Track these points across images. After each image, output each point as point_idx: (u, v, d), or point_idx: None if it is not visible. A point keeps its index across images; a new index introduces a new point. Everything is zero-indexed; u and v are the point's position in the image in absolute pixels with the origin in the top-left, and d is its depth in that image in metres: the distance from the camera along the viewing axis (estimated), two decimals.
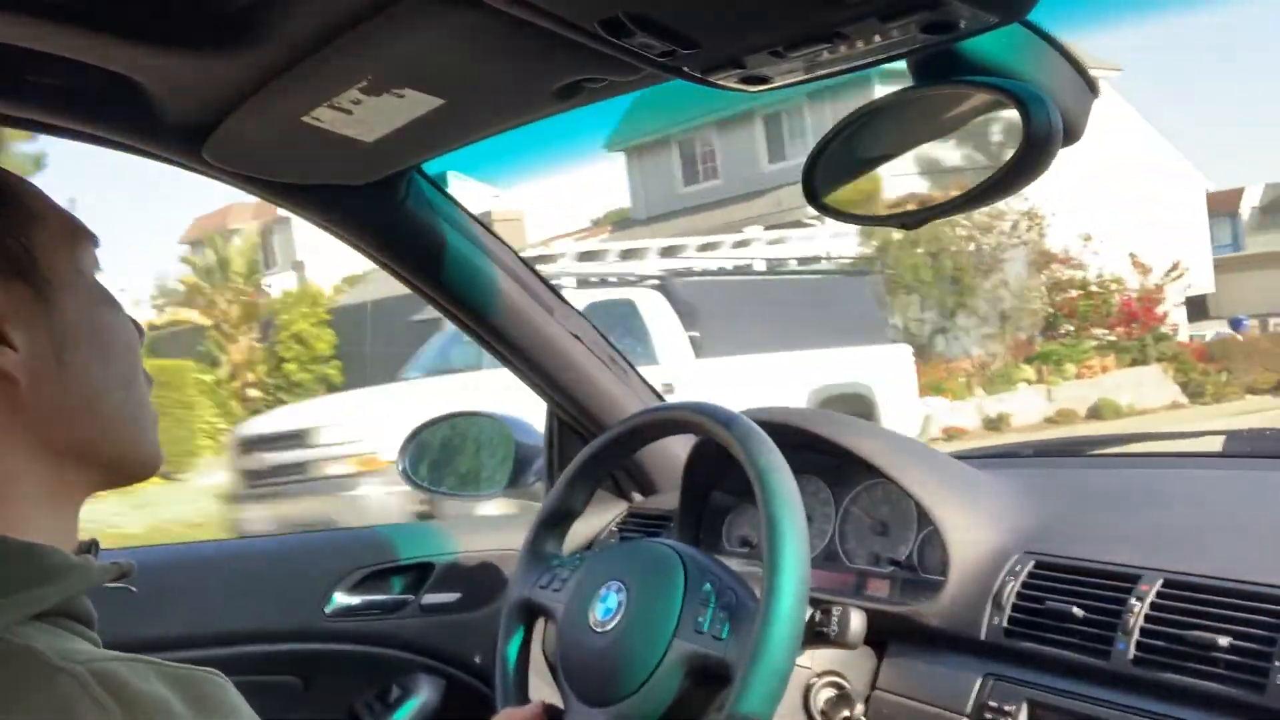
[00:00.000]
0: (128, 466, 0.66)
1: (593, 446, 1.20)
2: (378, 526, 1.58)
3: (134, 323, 0.69)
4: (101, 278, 0.67)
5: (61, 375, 0.60)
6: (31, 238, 0.61)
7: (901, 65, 0.78)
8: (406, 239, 1.34)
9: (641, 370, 1.60)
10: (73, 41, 0.83)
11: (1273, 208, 33.37)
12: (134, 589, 0.65)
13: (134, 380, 0.66)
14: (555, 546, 1.21)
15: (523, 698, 1.15)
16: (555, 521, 1.21)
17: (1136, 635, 0.91)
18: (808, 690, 1.06)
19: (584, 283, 8.15)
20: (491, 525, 1.63)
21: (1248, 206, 34.35)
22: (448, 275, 1.38)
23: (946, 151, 0.87)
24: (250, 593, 1.45)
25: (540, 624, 1.20)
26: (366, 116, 0.93)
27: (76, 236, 0.65)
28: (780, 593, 0.91)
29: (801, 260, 12.56)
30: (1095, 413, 13.21)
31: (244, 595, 1.44)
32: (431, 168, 1.30)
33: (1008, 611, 1.02)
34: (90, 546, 0.65)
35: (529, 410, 1.61)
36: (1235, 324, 22.12)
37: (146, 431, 0.67)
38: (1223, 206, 34.05)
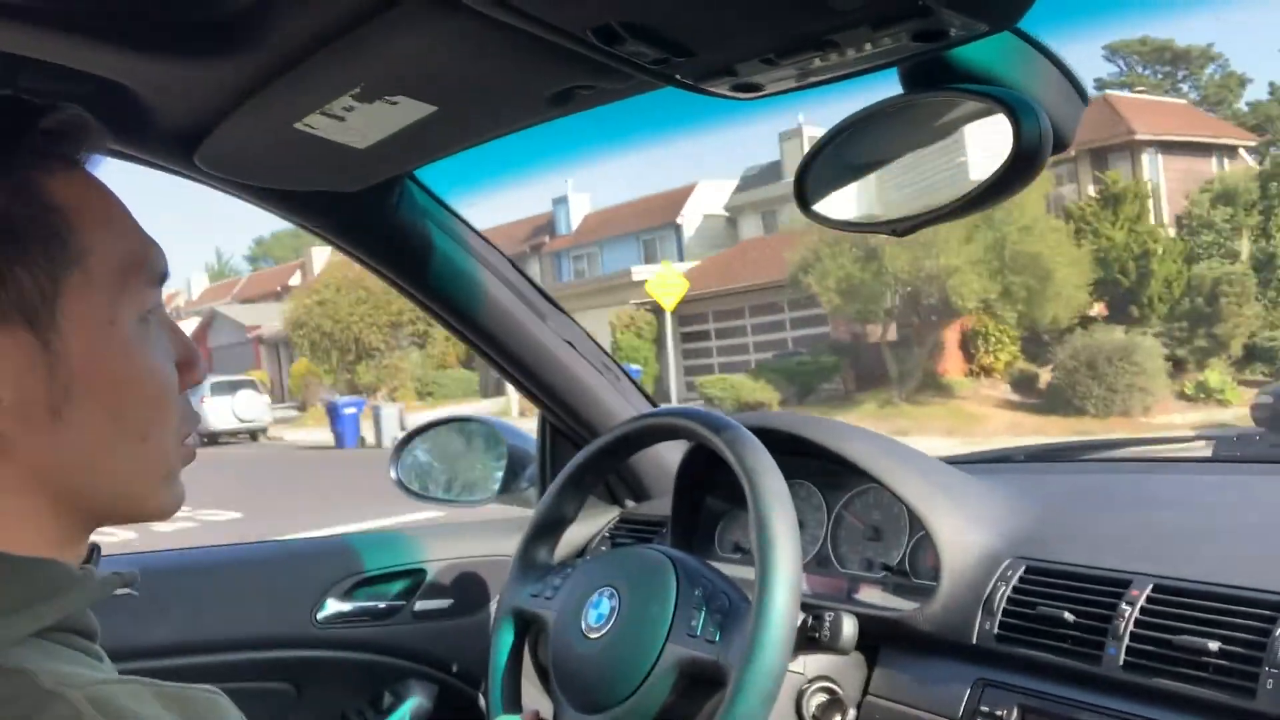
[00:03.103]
0: (130, 515, 0.62)
1: (583, 454, 1.20)
2: (369, 533, 1.58)
3: (187, 358, 0.64)
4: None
5: (57, 429, 0.57)
6: (60, 281, 0.57)
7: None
8: (399, 245, 1.34)
9: None
10: (64, 48, 0.83)
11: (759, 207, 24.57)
12: (136, 594, 0.63)
13: (152, 431, 0.61)
14: (546, 555, 1.21)
15: (515, 707, 1.15)
16: (546, 530, 1.21)
17: (1127, 640, 0.91)
18: (800, 695, 1.06)
19: None
20: (483, 531, 1.63)
21: (697, 213, 25.84)
22: (441, 281, 1.38)
23: (937, 159, 0.88)
24: (243, 600, 1.44)
25: (532, 633, 1.20)
26: (359, 123, 0.93)
27: (127, 276, 0.60)
28: (772, 593, 0.91)
29: None
30: None
31: (236, 602, 1.44)
32: (425, 174, 1.30)
33: (999, 616, 1.02)
34: (91, 554, 0.63)
35: None
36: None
37: (159, 483, 0.63)
38: (656, 214, 25.95)
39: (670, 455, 1.51)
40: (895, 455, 1.22)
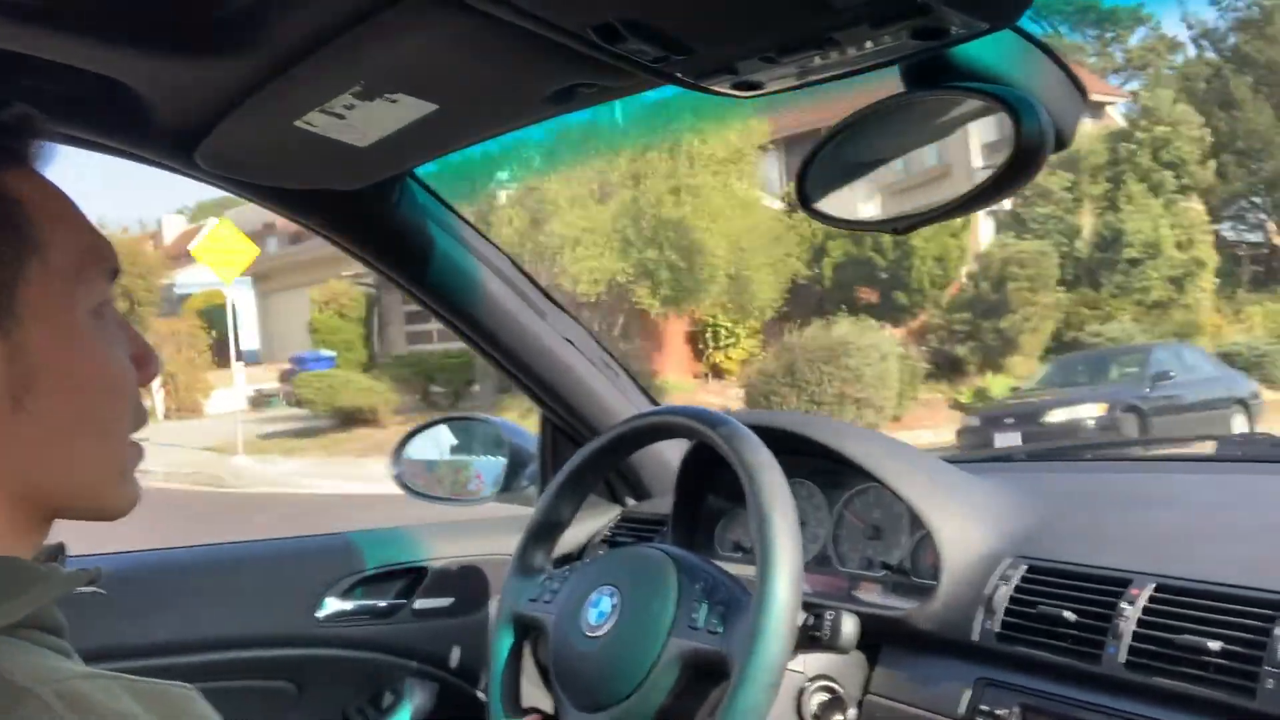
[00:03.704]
0: (89, 511, 0.62)
1: (580, 456, 1.20)
2: (370, 531, 1.58)
3: (141, 354, 0.65)
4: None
5: (18, 419, 0.57)
6: (18, 273, 0.57)
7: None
8: (399, 243, 1.34)
9: None
10: (65, 46, 0.83)
11: None
12: (104, 592, 0.63)
13: (111, 423, 0.62)
14: (544, 559, 1.21)
15: (515, 710, 1.15)
16: (543, 534, 1.21)
17: (1128, 639, 0.91)
18: (800, 694, 1.06)
19: None
20: (484, 530, 1.63)
21: None
22: (441, 279, 1.38)
23: (938, 157, 0.87)
24: (243, 598, 1.44)
25: (532, 636, 1.20)
26: (359, 121, 0.93)
27: (83, 268, 0.61)
28: (774, 583, 0.91)
29: None
30: None
31: (236, 600, 1.44)
32: (425, 172, 1.30)
33: (1000, 615, 1.02)
34: (56, 553, 0.63)
35: None
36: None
37: (116, 477, 0.63)
38: None
39: (672, 453, 1.51)
40: (896, 454, 1.22)
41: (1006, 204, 15.88)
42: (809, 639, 0.98)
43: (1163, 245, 15.44)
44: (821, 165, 0.86)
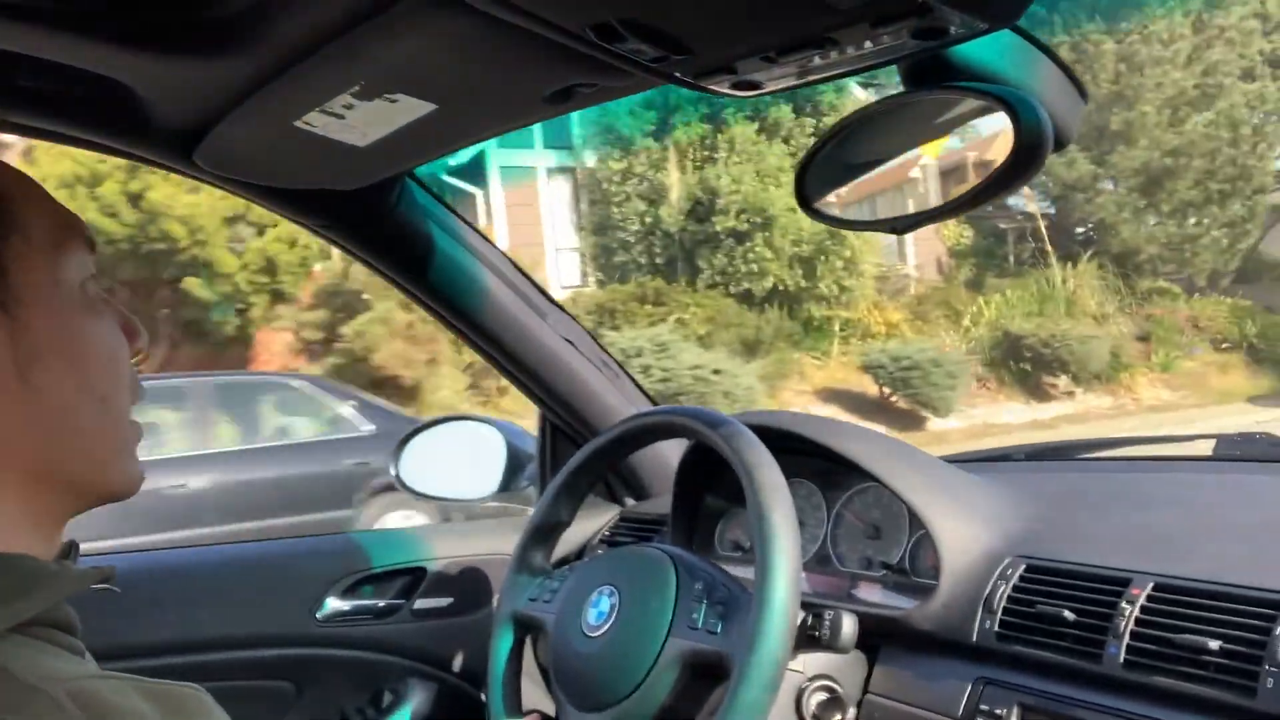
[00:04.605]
0: (100, 488, 0.63)
1: (579, 457, 1.20)
2: (369, 532, 1.58)
3: (129, 327, 0.66)
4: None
5: (26, 393, 0.57)
6: (5, 248, 0.58)
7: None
8: (398, 243, 1.34)
9: None
10: (65, 46, 0.83)
11: None
12: (117, 590, 0.63)
13: (113, 395, 0.63)
14: (543, 559, 1.21)
15: (516, 711, 1.15)
16: (543, 534, 1.21)
17: (1127, 639, 0.91)
18: (800, 694, 1.06)
19: None
20: (484, 530, 1.63)
21: None
22: (440, 279, 1.38)
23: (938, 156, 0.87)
24: (242, 598, 1.44)
25: (532, 636, 1.20)
26: (359, 121, 0.93)
27: (63, 242, 0.62)
28: (773, 581, 0.91)
29: None
30: None
31: (236, 600, 1.44)
32: (424, 172, 1.30)
33: (999, 615, 1.02)
34: (69, 551, 0.63)
35: None
36: None
37: (122, 452, 0.64)
38: None
39: (669, 453, 1.51)
40: (895, 454, 1.22)
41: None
42: (808, 639, 0.98)
43: (774, 208, 10.49)
44: (821, 165, 0.86)
